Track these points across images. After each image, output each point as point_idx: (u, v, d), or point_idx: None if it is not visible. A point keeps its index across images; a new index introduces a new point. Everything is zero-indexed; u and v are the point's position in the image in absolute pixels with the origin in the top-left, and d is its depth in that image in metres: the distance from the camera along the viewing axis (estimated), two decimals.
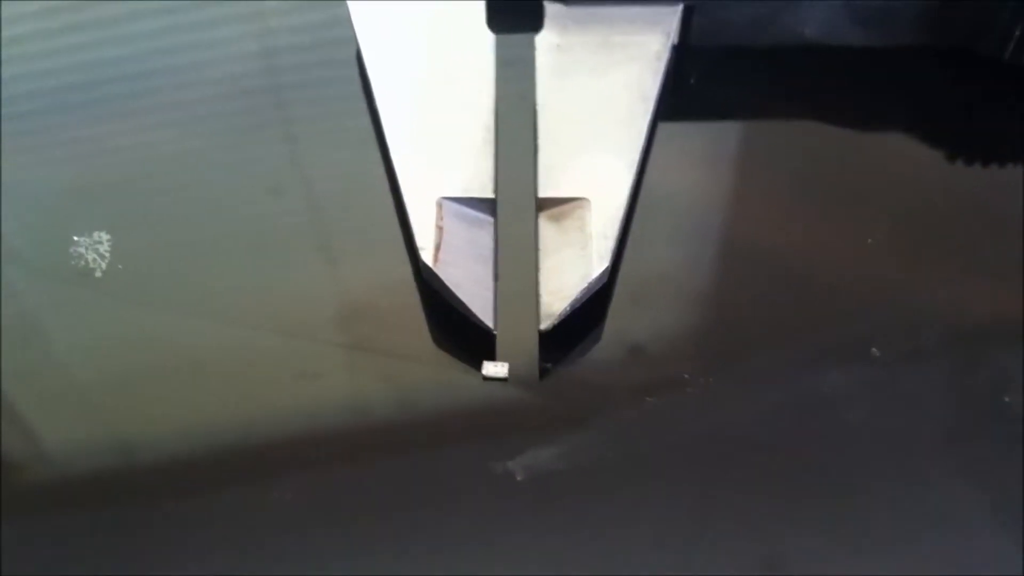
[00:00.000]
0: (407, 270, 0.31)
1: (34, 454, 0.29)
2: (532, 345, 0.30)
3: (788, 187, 0.35)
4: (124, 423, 0.30)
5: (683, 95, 0.36)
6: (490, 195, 0.31)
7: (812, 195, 0.34)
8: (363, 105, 0.35)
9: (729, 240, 0.33)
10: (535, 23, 0.35)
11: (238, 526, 0.27)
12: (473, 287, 0.30)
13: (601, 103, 0.33)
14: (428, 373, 0.30)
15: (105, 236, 0.33)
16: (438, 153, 0.32)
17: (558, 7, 0.35)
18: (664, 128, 0.34)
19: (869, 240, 0.32)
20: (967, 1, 0.34)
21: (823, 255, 0.33)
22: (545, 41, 0.34)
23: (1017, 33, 0.34)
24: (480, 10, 0.35)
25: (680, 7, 0.35)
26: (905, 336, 0.30)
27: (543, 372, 0.29)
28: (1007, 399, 0.28)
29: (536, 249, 0.30)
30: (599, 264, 0.30)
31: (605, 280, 0.30)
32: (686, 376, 0.29)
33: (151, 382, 0.30)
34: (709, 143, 0.36)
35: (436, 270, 0.30)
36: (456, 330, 0.30)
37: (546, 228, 0.31)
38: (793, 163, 0.35)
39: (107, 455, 0.29)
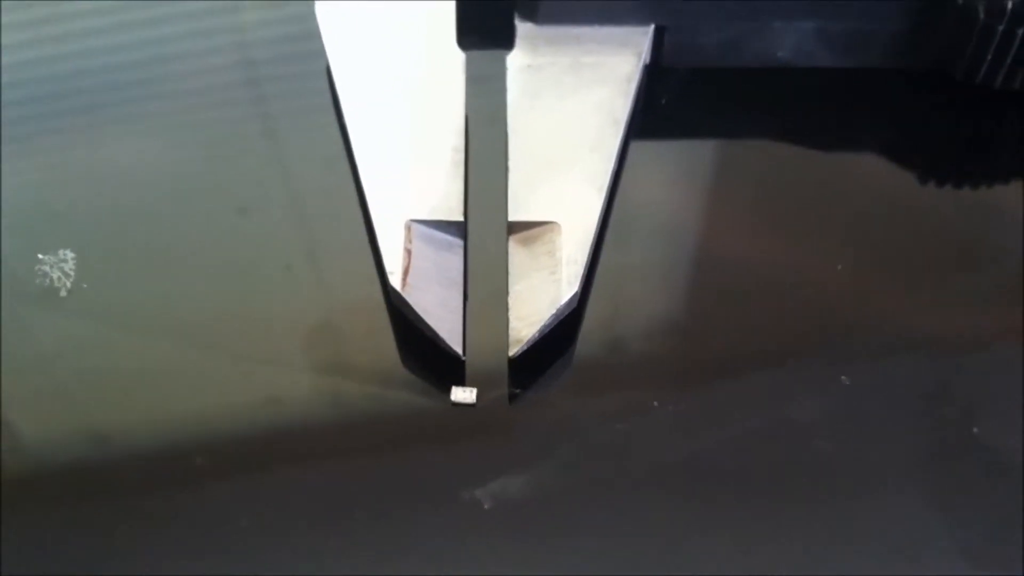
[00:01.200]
0: (376, 292, 0.31)
1: None
2: (501, 371, 0.29)
3: (759, 210, 0.35)
4: (84, 442, 0.29)
5: (654, 116, 0.36)
6: (459, 218, 0.31)
7: (783, 219, 0.34)
8: (333, 121, 0.34)
9: (699, 264, 0.33)
10: (506, 42, 0.34)
11: (199, 551, 0.27)
12: (441, 312, 0.30)
13: (572, 125, 0.33)
14: (395, 398, 0.30)
15: (70, 254, 0.32)
16: (407, 174, 0.32)
17: (529, 27, 0.35)
18: (635, 149, 0.34)
19: (839, 266, 0.32)
20: (938, 25, 0.34)
21: (793, 280, 0.33)
22: (516, 61, 0.34)
23: (988, 57, 0.34)
24: (451, 26, 0.35)
25: (651, 28, 0.35)
26: (875, 363, 0.30)
27: (512, 398, 0.29)
28: (975, 430, 0.28)
29: (506, 274, 0.30)
30: (568, 289, 0.30)
31: (574, 305, 0.30)
32: (655, 403, 0.29)
33: (112, 404, 0.30)
34: (680, 165, 0.36)
35: (404, 294, 0.29)
36: (424, 355, 0.30)
37: (516, 252, 0.31)
38: (764, 186, 0.35)
39: (65, 474, 0.29)
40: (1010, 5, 0.33)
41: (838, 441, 0.29)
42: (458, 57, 0.34)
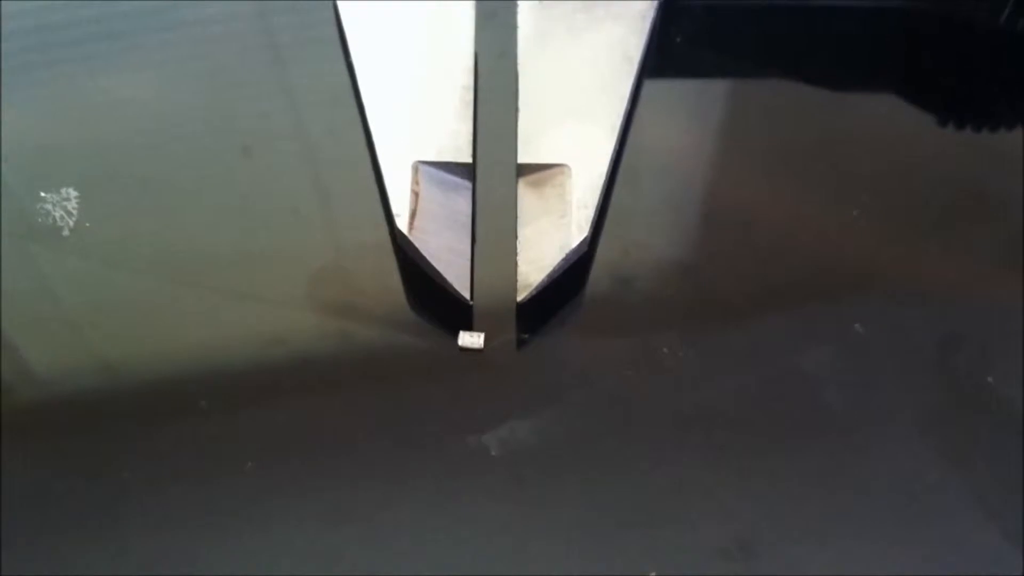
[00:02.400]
0: (384, 234, 0.31)
1: None
2: (509, 316, 0.29)
3: (773, 154, 0.34)
4: (89, 387, 0.29)
5: (669, 54, 0.35)
6: (468, 159, 0.30)
7: (798, 162, 0.34)
8: (341, 59, 0.34)
9: (712, 210, 0.32)
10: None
11: (205, 494, 0.27)
12: (449, 256, 0.29)
13: (584, 65, 0.32)
14: (402, 341, 0.30)
15: (73, 193, 0.32)
16: (415, 114, 0.31)
17: None
18: (649, 88, 0.33)
19: (855, 212, 0.31)
20: None
21: (808, 227, 0.32)
22: (527, 2, 0.33)
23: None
24: None
25: None
26: (889, 312, 0.29)
27: (520, 343, 0.29)
28: (990, 379, 0.28)
29: (515, 217, 0.30)
30: (578, 234, 0.29)
31: (584, 250, 0.29)
32: (665, 350, 0.29)
33: (117, 345, 0.29)
34: (694, 105, 0.35)
35: (411, 238, 0.29)
36: (432, 298, 0.29)
37: (525, 195, 0.30)
38: (779, 127, 0.35)
39: (72, 415, 0.28)
40: None
41: (849, 389, 0.28)
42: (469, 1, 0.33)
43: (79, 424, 0.28)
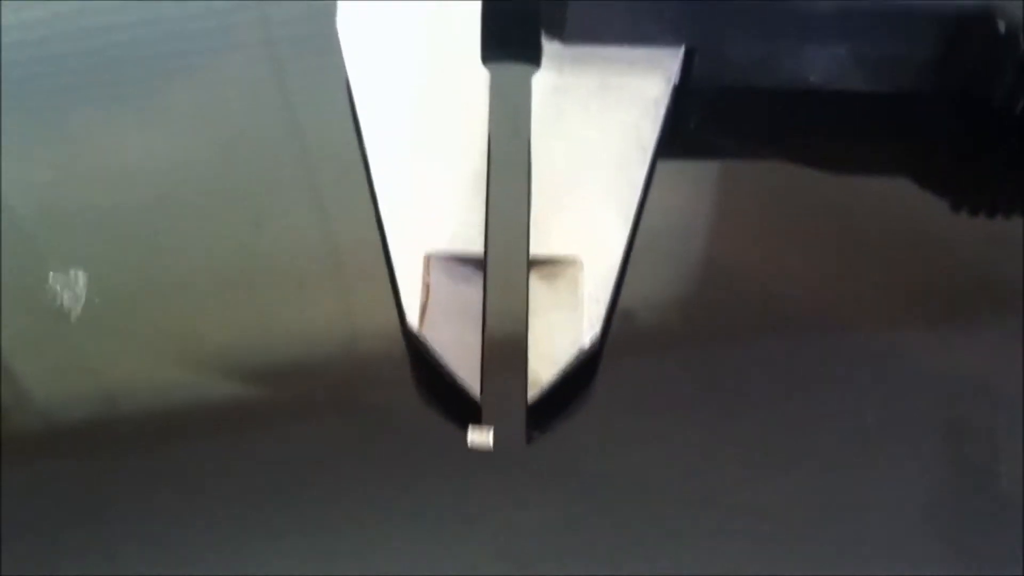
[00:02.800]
0: (394, 324, 0.30)
1: None
2: (519, 412, 0.29)
3: (792, 240, 0.34)
4: (95, 468, 0.29)
5: (684, 139, 0.35)
6: (479, 249, 0.30)
7: (812, 248, 0.34)
8: (353, 141, 0.34)
9: (727, 301, 0.32)
10: (533, 60, 0.33)
11: None
12: (459, 350, 0.29)
13: (597, 152, 0.32)
14: (410, 435, 0.29)
15: (81, 274, 0.32)
16: (427, 202, 0.31)
17: (557, 45, 0.34)
18: (663, 174, 0.33)
19: (868, 295, 0.32)
20: (977, 51, 0.33)
21: (820, 313, 0.32)
22: (542, 81, 0.33)
23: None
24: (475, 38, 0.34)
25: (682, 49, 0.33)
26: (894, 397, 0.29)
27: (530, 439, 0.29)
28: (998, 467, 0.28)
29: (526, 311, 0.29)
30: (590, 330, 0.29)
31: (596, 345, 0.29)
32: (679, 449, 0.28)
33: (118, 435, 0.29)
34: (710, 191, 0.35)
35: (422, 332, 0.29)
36: (441, 393, 0.29)
37: (537, 288, 0.30)
38: (793, 214, 0.35)
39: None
40: None
41: (854, 472, 0.28)
42: (482, 74, 0.33)
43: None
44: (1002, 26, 0.32)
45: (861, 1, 0.33)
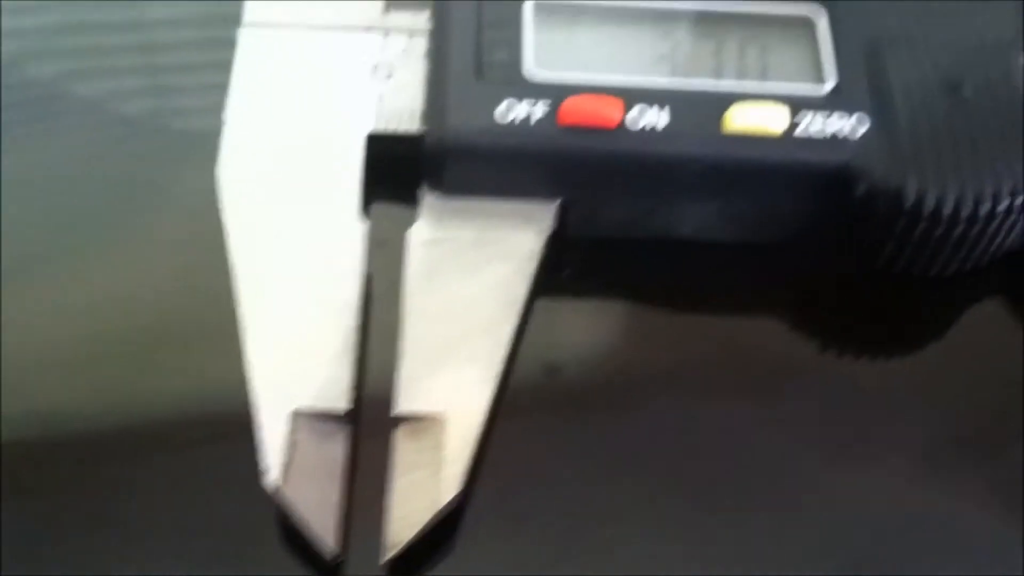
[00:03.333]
0: (255, 479, 0.30)
1: None
2: (378, 573, 0.29)
3: (660, 389, 0.34)
4: None
5: (557, 288, 0.35)
6: (346, 406, 0.31)
7: (686, 395, 0.35)
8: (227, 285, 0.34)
9: (590, 458, 0.32)
10: (411, 212, 0.34)
11: None
12: (321, 508, 0.30)
13: (468, 307, 0.33)
14: None
15: None
16: (296, 357, 0.31)
17: (435, 197, 0.34)
18: (535, 326, 0.34)
19: (742, 441, 0.33)
20: (836, 207, 0.34)
21: (696, 470, 0.33)
22: (418, 234, 0.34)
23: (890, 246, 0.34)
24: (355, 190, 0.34)
25: (557, 203, 0.34)
26: None
27: None
28: None
29: (389, 470, 0.30)
30: (449, 490, 0.30)
31: (455, 505, 0.30)
32: None
33: None
34: (581, 342, 0.35)
35: (283, 489, 0.29)
36: (301, 552, 0.30)
37: (401, 446, 0.31)
38: (666, 359, 0.35)
39: None
40: (910, 202, 0.33)
41: None
42: (359, 226, 0.34)
43: None
44: (861, 187, 0.33)
45: (728, 162, 0.33)
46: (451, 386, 0.31)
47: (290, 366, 0.32)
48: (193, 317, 0.35)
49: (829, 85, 0.35)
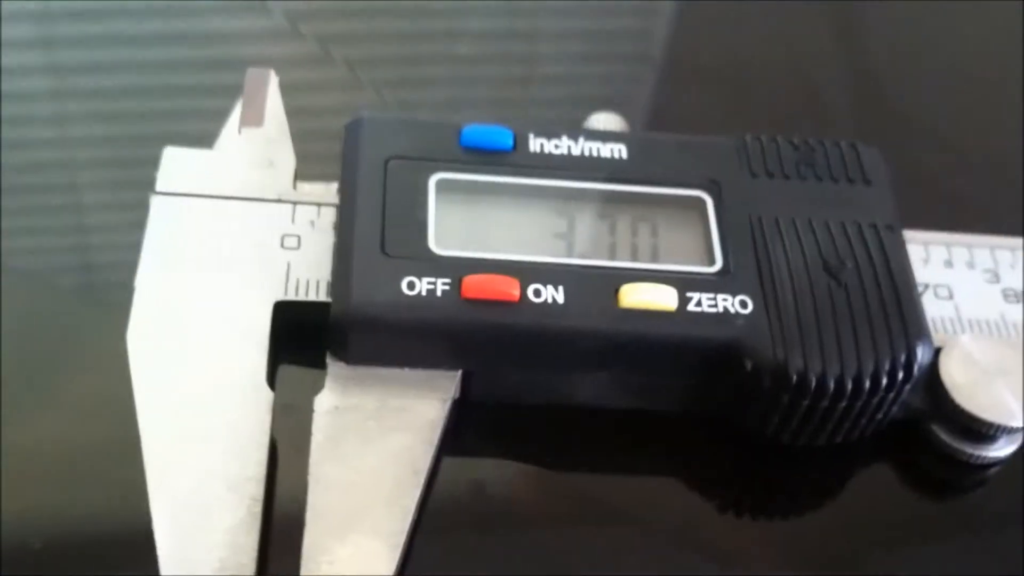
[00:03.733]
0: None
1: None
2: None
3: (557, 545, 0.37)
4: None
5: (461, 451, 0.36)
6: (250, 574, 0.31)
7: (583, 551, 0.37)
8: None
9: None
10: (318, 379, 0.35)
11: None
12: None
13: (371, 476, 0.33)
14: None
15: None
16: (200, 523, 0.32)
17: (340, 366, 0.35)
18: (438, 492, 0.35)
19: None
20: (725, 381, 0.36)
21: None
22: (323, 403, 0.35)
23: (776, 418, 0.36)
24: (261, 355, 0.35)
25: (459, 373, 0.36)
26: None
27: None
28: None
29: None
30: None
31: None
32: None
33: None
34: (481, 507, 0.36)
35: None
36: None
37: None
38: (563, 522, 0.37)
39: None
40: (795, 379, 0.35)
41: None
42: (265, 395, 0.35)
43: None
44: (748, 364, 0.35)
45: (622, 336, 0.35)
46: (354, 555, 0.32)
47: (195, 533, 0.32)
48: (101, 482, 0.35)
49: (717, 266, 0.37)
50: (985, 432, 0.38)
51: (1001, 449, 0.39)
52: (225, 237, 0.38)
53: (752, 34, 0.55)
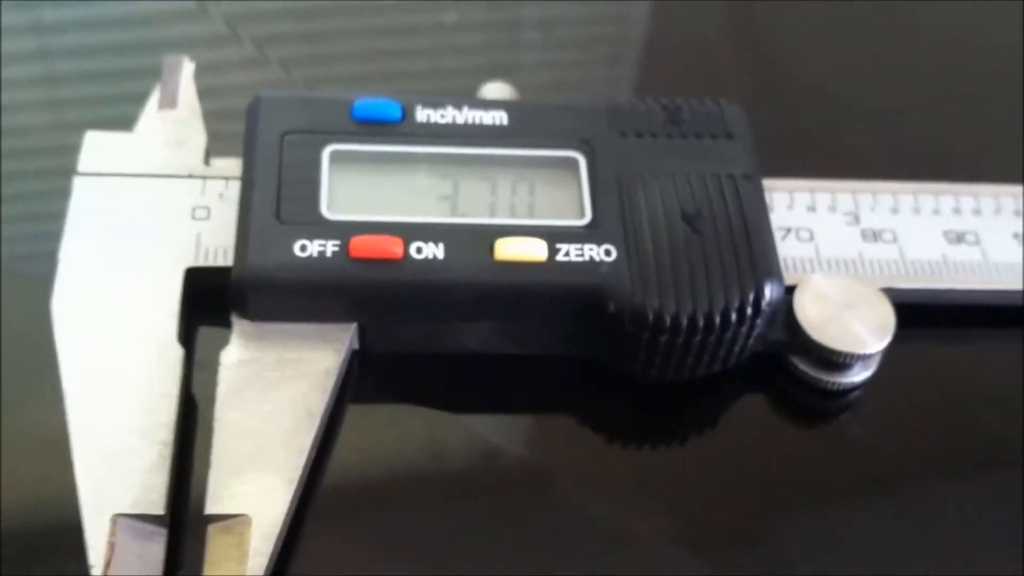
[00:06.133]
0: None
1: None
2: None
3: (450, 489, 0.40)
4: None
5: (362, 399, 0.41)
6: (162, 511, 0.35)
7: (476, 495, 0.40)
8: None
9: (390, 553, 0.38)
10: (223, 338, 0.39)
11: None
12: None
13: (269, 420, 0.37)
14: None
15: None
16: (116, 467, 0.36)
17: (244, 323, 0.39)
18: (344, 435, 0.39)
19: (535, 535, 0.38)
20: (593, 325, 0.40)
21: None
22: (228, 357, 0.39)
23: (641, 355, 0.40)
24: (173, 317, 0.39)
25: (354, 325, 0.40)
26: None
27: None
28: None
29: (202, 566, 0.35)
30: None
31: None
32: None
33: None
34: (388, 447, 0.41)
35: None
36: None
37: (211, 543, 0.35)
38: (464, 466, 0.41)
39: None
40: (651, 318, 0.39)
41: None
42: (176, 352, 0.39)
43: None
44: (611, 306, 0.39)
45: (497, 286, 0.39)
46: (253, 490, 0.36)
47: (110, 476, 0.36)
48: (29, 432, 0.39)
49: (586, 219, 0.41)
50: (839, 361, 0.41)
51: (857, 375, 0.42)
52: (141, 211, 0.42)
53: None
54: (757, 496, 0.42)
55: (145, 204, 0.42)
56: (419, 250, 0.39)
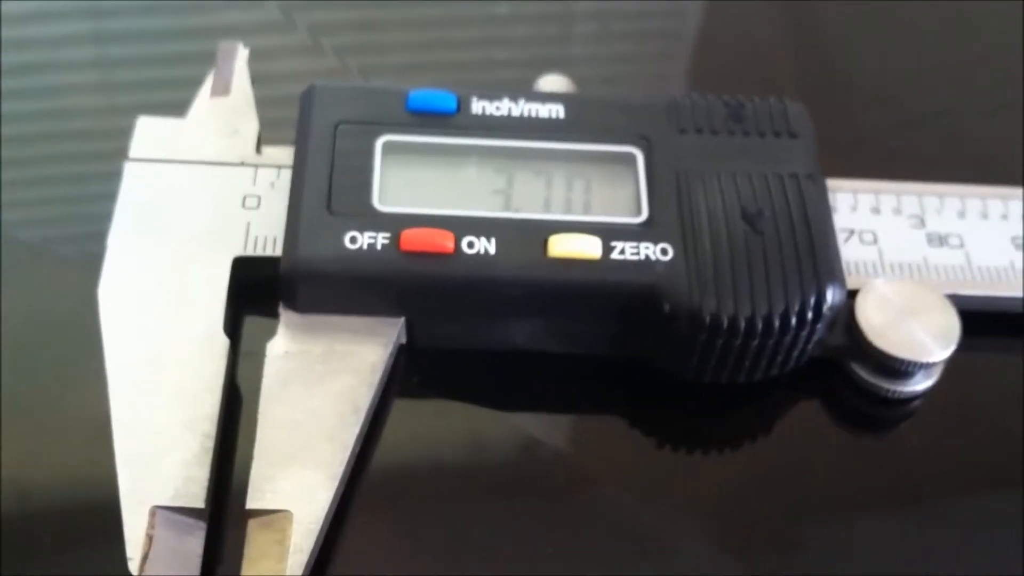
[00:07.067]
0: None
1: None
2: None
3: (497, 486, 0.39)
4: None
5: (407, 396, 0.40)
6: (202, 505, 0.35)
7: (522, 493, 0.39)
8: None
9: (434, 552, 0.37)
10: (269, 329, 0.38)
11: None
12: None
13: (314, 414, 0.37)
14: None
15: None
16: (157, 458, 0.35)
17: (291, 315, 0.39)
18: (389, 430, 0.39)
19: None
20: (646, 325, 0.39)
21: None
22: (275, 348, 0.38)
23: (695, 358, 0.39)
24: (220, 306, 0.39)
25: (402, 320, 0.39)
26: None
27: None
28: None
29: (240, 562, 0.34)
30: None
31: None
32: None
33: None
34: (432, 443, 0.40)
35: None
36: None
37: (252, 538, 0.35)
38: (508, 463, 0.40)
39: None
40: (708, 319, 0.37)
41: None
42: (221, 342, 0.38)
43: None
44: (666, 306, 0.38)
45: (549, 283, 0.38)
46: (296, 486, 0.35)
47: (152, 468, 0.35)
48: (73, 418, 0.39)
49: (643, 217, 0.40)
50: (900, 368, 0.40)
51: (919, 384, 0.41)
52: (191, 199, 0.42)
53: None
54: (809, 505, 0.41)
55: (195, 191, 0.42)
56: (471, 244, 0.38)
